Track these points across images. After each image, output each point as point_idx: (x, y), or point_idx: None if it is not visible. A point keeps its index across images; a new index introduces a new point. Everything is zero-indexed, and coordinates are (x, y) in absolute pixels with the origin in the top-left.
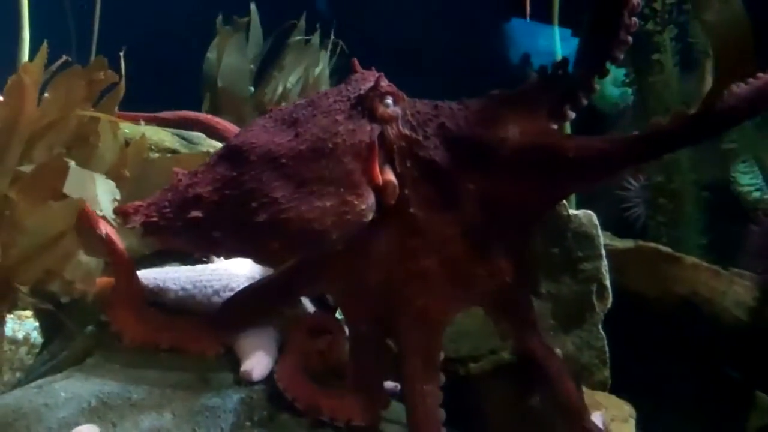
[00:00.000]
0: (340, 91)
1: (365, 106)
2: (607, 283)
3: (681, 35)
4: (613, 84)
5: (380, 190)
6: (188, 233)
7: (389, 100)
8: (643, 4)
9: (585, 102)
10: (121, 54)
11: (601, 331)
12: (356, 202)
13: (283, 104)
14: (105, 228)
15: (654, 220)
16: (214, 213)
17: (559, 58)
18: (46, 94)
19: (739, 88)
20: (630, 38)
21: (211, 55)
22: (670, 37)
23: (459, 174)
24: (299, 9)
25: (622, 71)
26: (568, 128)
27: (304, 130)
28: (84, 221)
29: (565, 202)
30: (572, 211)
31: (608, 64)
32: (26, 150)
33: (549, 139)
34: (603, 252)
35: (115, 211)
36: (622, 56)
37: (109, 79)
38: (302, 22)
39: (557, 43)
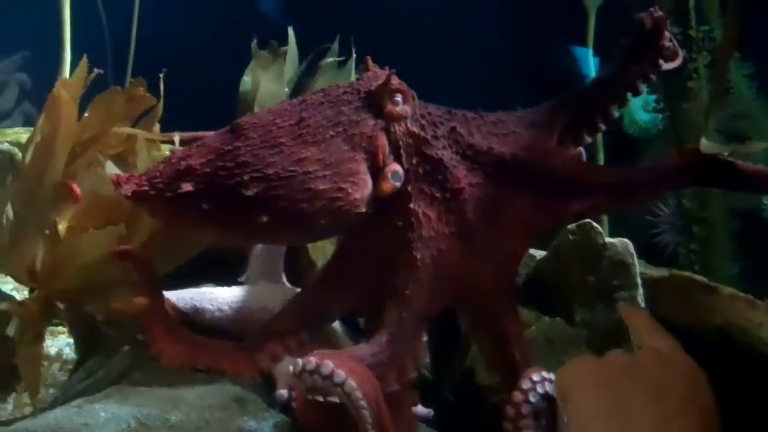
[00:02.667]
0: (352, 85)
1: (373, 102)
2: None
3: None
4: (644, 109)
5: (383, 178)
6: (177, 204)
7: (398, 98)
8: (678, 31)
9: (603, 127)
10: (161, 76)
11: None
12: (350, 191)
13: None
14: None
15: (685, 247)
16: (204, 185)
17: None
18: (86, 114)
19: None
20: (652, 75)
21: (248, 78)
22: (704, 64)
23: (464, 177)
24: (334, 31)
25: (652, 97)
26: (601, 153)
27: (308, 116)
28: (120, 253)
29: (600, 229)
30: (608, 239)
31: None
32: (67, 166)
33: (555, 160)
34: (639, 281)
35: (111, 180)
36: (642, 87)
37: (148, 102)
38: (335, 45)
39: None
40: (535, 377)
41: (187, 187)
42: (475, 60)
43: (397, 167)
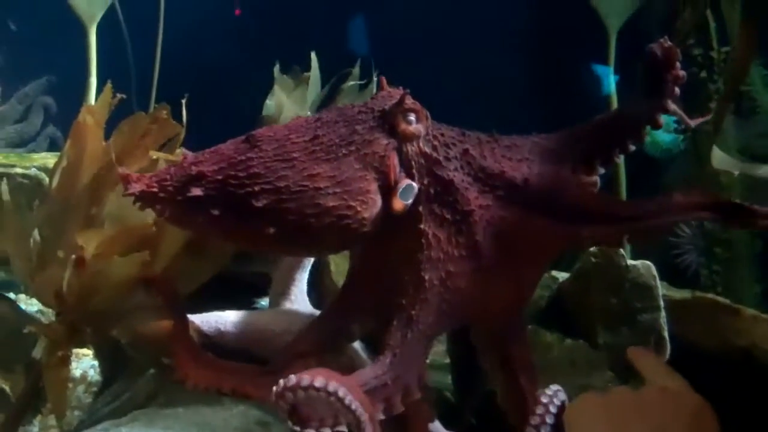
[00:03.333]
0: (367, 104)
1: (387, 121)
2: (666, 334)
3: None
4: (665, 130)
5: (394, 196)
6: (185, 208)
7: (412, 117)
8: (699, 52)
9: (618, 160)
10: (183, 101)
11: None
12: (359, 209)
13: None
14: (161, 279)
15: (707, 268)
16: (214, 191)
17: None
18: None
19: None
20: (670, 108)
21: (270, 102)
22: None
23: (474, 199)
24: (354, 55)
25: (673, 118)
26: (622, 174)
27: (322, 133)
28: (146, 280)
29: (622, 251)
30: (630, 262)
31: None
32: (93, 191)
33: (566, 188)
34: (661, 303)
35: (120, 177)
36: (662, 121)
37: (172, 127)
38: (356, 69)
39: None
40: (545, 399)
41: (196, 191)
42: (496, 80)
43: (410, 182)
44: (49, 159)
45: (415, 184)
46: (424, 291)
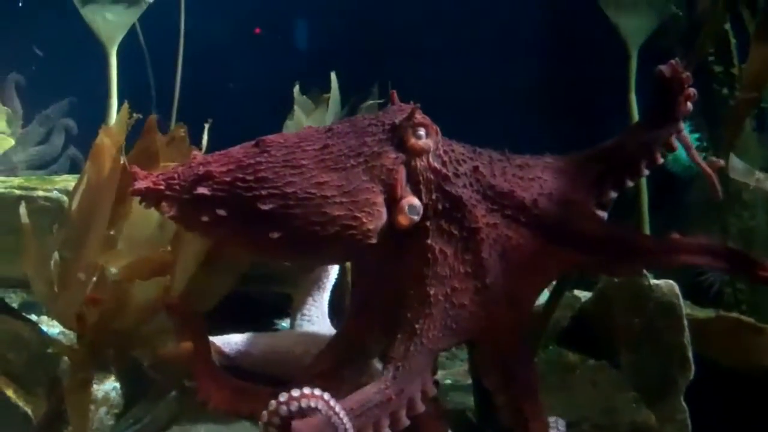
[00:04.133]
0: (378, 117)
1: (397, 135)
2: (689, 354)
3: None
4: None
5: (399, 211)
6: (191, 207)
7: (422, 132)
8: (720, 69)
9: (630, 184)
10: (206, 126)
11: (683, 404)
12: (364, 220)
13: None
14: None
15: (730, 286)
16: (222, 192)
17: None
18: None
19: None
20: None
21: (290, 122)
22: None
23: (482, 217)
24: (375, 75)
25: (696, 135)
26: (644, 191)
27: (332, 143)
28: (167, 306)
29: (645, 271)
30: (653, 281)
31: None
32: (114, 212)
33: (573, 213)
34: (685, 323)
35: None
36: (675, 144)
37: (189, 149)
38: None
39: None
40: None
41: (203, 190)
42: (514, 98)
43: (415, 201)
44: (71, 181)
45: (419, 204)
46: (429, 306)
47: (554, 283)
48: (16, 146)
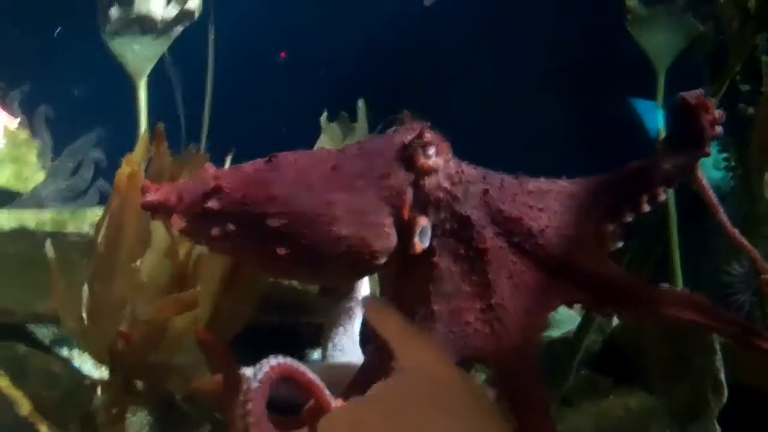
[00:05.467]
0: (387, 138)
1: (406, 154)
2: (722, 377)
3: None
4: (715, 167)
5: (409, 231)
6: (201, 222)
7: (431, 151)
8: (747, 89)
9: (648, 209)
10: (229, 157)
11: (717, 427)
12: (371, 241)
13: None
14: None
15: (760, 307)
16: (230, 207)
17: None
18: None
19: None
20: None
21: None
22: None
23: (490, 239)
24: (401, 100)
25: (723, 155)
26: (673, 211)
27: (343, 164)
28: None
29: None
30: None
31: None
32: (137, 242)
33: (579, 249)
34: (717, 346)
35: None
36: (700, 173)
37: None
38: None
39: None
40: None
41: (213, 205)
42: (539, 119)
43: (427, 224)
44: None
45: (428, 225)
46: (432, 322)
47: None
48: (46, 179)
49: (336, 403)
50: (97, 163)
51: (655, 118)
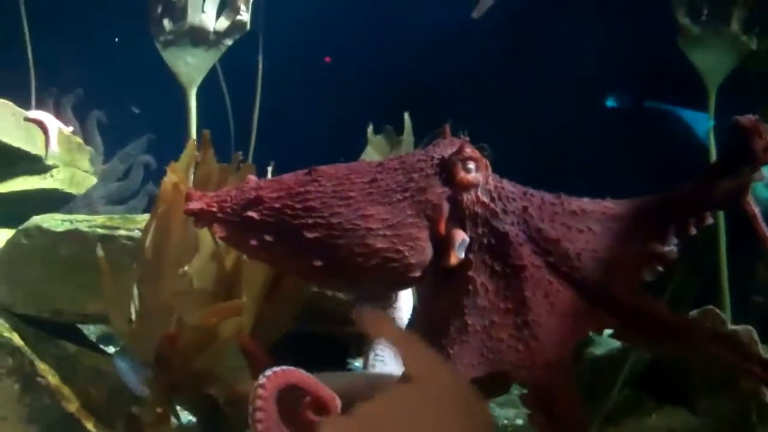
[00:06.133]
0: (427, 152)
1: (446, 169)
2: None
3: None
4: (765, 185)
5: (446, 245)
6: (241, 230)
7: (471, 165)
8: None
9: (694, 232)
10: (270, 168)
11: None
12: (407, 254)
13: None
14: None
15: None
16: (270, 217)
17: None
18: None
19: None
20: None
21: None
22: None
23: (527, 256)
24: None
25: None
26: (722, 231)
27: (381, 178)
28: (242, 345)
29: (723, 316)
30: (731, 327)
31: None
32: (186, 247)
33: (616, 279)
34: None
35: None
36: (750, 198)
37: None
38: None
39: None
40: None
41: (253, 214)
42: (593, 136)
43: (465, 237)
44: None
45: (467, 238)
46: (466, 334)
47: None
48: (97, 182)
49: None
50: (147, 167)
51: (704, 128)
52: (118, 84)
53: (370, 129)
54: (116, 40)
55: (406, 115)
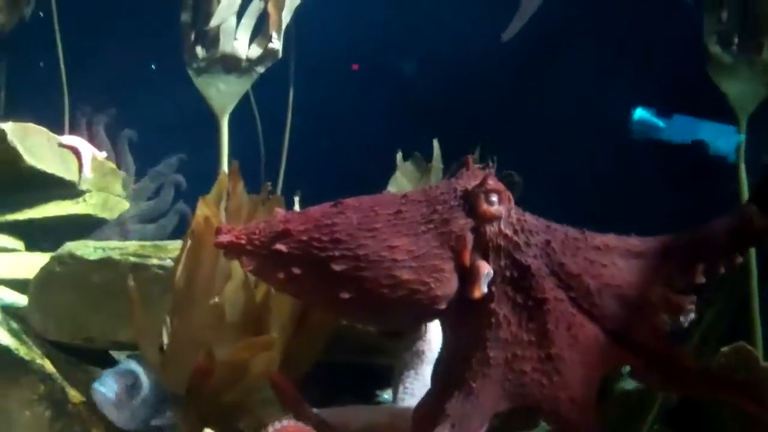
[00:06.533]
0: (450, 183)
1: (468, 201)
2: None
3: None
4: None
5: (471, 277)
6: (269, 263)
7: (494, 198)
8: None
9: (723, 271)
10: (296, 198)
11: None
12: (433, 286)
13: None
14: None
15: None
16: (297, 250)
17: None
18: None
19: None
20: None
21: (392, 188)
22: None
23: (550, 290)
24: (477, 138)
25: None
26: (753, 265)
27: (405, 209)
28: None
29: (755, 353)
30: (764, 364)
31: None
32: (214, 281)
33: (634, 316)
34: None
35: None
36: None
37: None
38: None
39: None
40: None
41: (281, 247)
42: (616, 165)
43: (489, 270)
44: None
45: (491, 271)
46: (488, 367)
47: None
48: (129, 200)
49: None
50: (177, 186)
51: (730, 142)
52: (150, 104)
53: (399, 155)
54: (154, 68)
55: (435, 142)
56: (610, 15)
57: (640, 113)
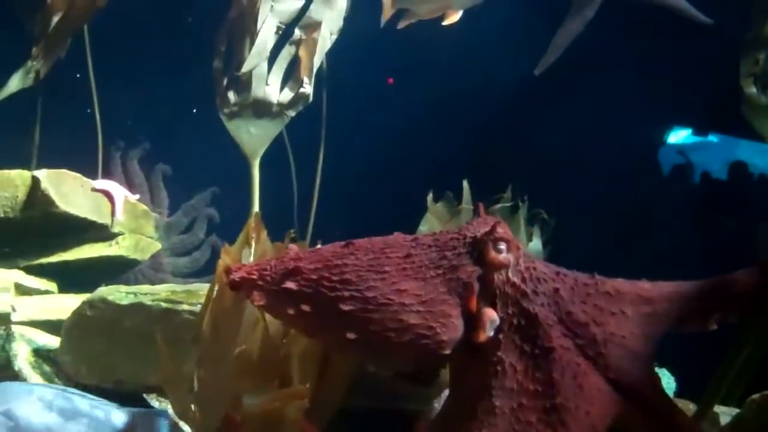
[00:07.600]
0: (460, 230)
1: (477, 248)
2: None
3: None
4: None
5: (477, 322)
6: (280, 299)
7: (502, 246)
8: None
9: (735, 320)
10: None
11: None
12: (439, 331)
13: None
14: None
15: None
16: (307, 288)
17: None
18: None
19: None
20: None
21: (423, 228)
22: None
23: (557, 338)
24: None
25: None
26: None
27: (415, 254)
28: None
29: None
30: None
31: None
32: (240, 334)
33: (636, 368)
34: None
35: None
36: None
37: None
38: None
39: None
40: None
41: (291, 285)
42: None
43: (495, 317)
44: None
45: (497, 318)
46: (493, 416)
47: None
48: (162, 233)
49: None
50: (210, 220)
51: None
52: (184, 140)
53: (430, 196)
54: (194, 111)
55: (465, 183)
56: (635, 42)
57: (675, 132)
